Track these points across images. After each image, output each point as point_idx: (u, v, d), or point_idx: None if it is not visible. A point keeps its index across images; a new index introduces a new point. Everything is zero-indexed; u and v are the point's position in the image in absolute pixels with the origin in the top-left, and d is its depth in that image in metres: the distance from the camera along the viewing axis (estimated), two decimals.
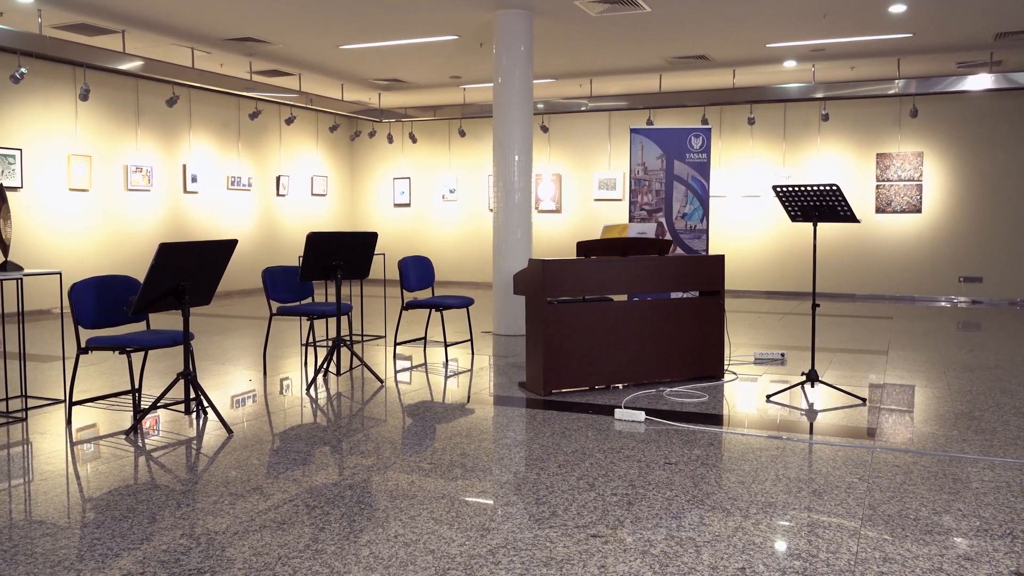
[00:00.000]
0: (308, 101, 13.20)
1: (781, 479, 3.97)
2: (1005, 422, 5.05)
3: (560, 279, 5.78)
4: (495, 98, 8.82)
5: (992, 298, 12.22)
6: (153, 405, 4.97)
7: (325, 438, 4.78)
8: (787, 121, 13.13)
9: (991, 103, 12.08)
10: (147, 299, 4.67)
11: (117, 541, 3.22)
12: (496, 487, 3.87)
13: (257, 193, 13.76)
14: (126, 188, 11.41)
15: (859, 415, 5.29)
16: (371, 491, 3.81)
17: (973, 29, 9.34)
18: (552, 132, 14.43)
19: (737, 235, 13.27)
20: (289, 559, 3.04)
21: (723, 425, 5.08)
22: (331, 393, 6.04)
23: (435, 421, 5.18)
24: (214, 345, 8.17)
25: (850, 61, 11.12)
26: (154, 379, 6.17)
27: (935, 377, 6.53)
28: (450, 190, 15.41)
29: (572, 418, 5.18)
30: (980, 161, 12.23)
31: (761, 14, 8.73)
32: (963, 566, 2.96)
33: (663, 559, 3.03)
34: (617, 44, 10.10)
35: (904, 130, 12.51)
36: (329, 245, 6.20)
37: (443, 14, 8.82)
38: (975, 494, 3.74)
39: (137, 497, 3.74)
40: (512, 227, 8.75)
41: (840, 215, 5.56)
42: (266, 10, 8.71)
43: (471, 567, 2.97)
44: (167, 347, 4.99)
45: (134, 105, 11.53)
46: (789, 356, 7.41)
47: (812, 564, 2.99)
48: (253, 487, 3.86)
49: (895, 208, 12.59)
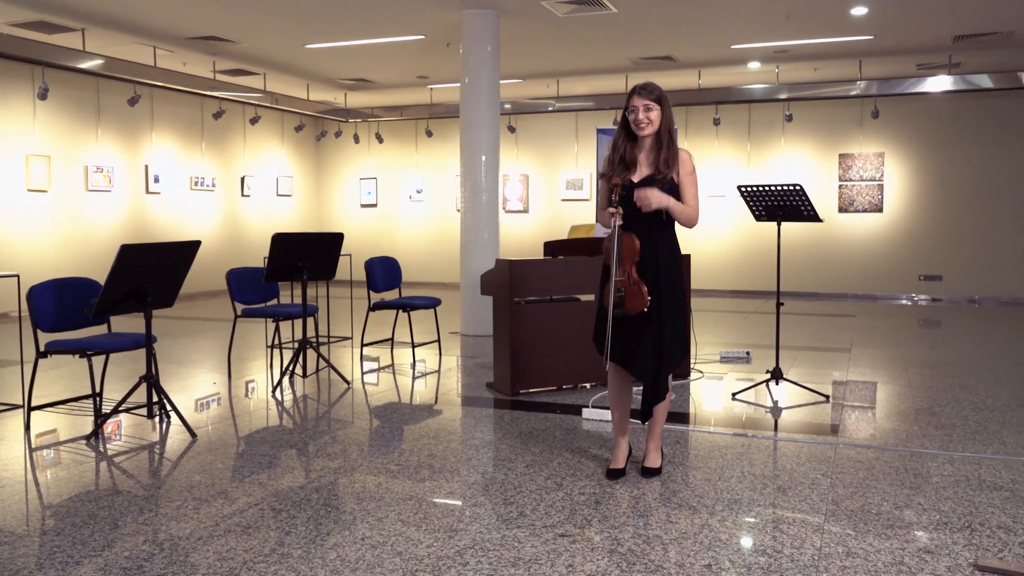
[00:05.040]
0: (273, 101, 13.08)
1: (746, 476, 4.01)
2: (964, 417, 5.15)
3: (527, 279, 5.79)
4: (462, 98, 8.81)
5: (951, 296, 12.45)
6: (115, 409, 4.89)
7: (291, 441, 4.74)
8: (752, 122, 13.26)
9: (950, 104, 12.30)
10: (108, 301, 4.60)
11: (78, 548, 3.16)
12: (464, 488, 3.87)
13: (221, 194, 13.61)
14: (86, 189, 11.22)
15: (823, 412, 5.36)
16: (338, 494, 3.78)
17: (932, 32, 9.51)
18: (519, 132, 14.45)
19: (703, 235, 13.37)
20: (255, 564, 3.01)
21: (689, 423, 5.11)
22: (297, 395, 5.99)
23: (402, 422, 5.16)
24: (177, 348, 8.06)
25: (813, 63, 11.26)
26: (116, 383, 6.07)
27: (896, 374, 6.64)
28: (417, 190, 15.36)
29: (540, 418, 5.19)
30: (939, 161, 12.46)
31: (726, 16, 8.81)
32: (923, 559, 3.01)
33: (630, 557, 3.05)
34: (584, 45, 10.13)
35: (866, 131, 12.70)
36: (295, 246, 6.15)
37: (410, 14, 8.79)
38: (935, 488, 3.80)
39: (98, 503, 3.67)
40: (479, 227, 8.74)
41: (804, 215, 5.63)
42: (230, 9, 8.62)
43: (439, 568, 2.96)
44: (129, 350, 4.92)
45: (94, 104, 11.34)
46: (754, 354, 7.49)
47: (777, 560, 3.02)
48: (218, 491, 3.82)
49: (857, 208, 12.78)
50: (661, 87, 3.86)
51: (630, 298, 3.80)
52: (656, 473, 4.01)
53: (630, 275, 3.80)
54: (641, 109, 3.79)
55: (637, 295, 3.79)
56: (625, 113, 3.87)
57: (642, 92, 3.80)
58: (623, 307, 3.81)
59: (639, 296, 3.78)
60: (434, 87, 13.22)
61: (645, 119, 3.80)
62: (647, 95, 3.80)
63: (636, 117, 3.81)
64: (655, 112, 3.80)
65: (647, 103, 3.79)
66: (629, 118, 3.84)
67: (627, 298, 3.80)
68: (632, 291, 3.79)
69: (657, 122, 3.81)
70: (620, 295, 3.80)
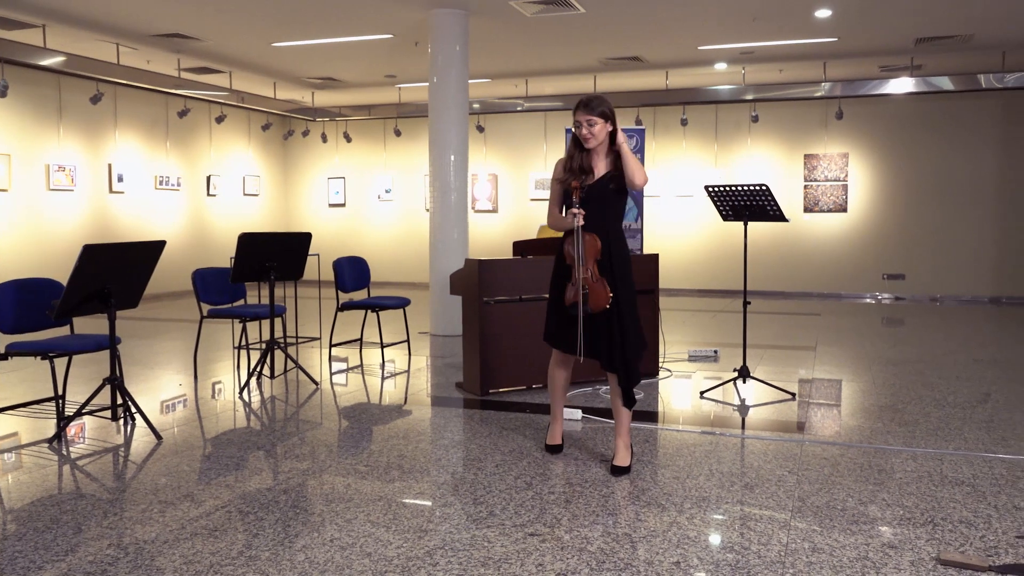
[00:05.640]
0: (239, 99, 12.94)
1: (714, 474, 4.04)
2: (926, 414, 5.23)
3: (497, 279, 5.79)
4: (431, 98, 8.79)
5: (914, 295, 12.66)
6: (78, 412, 4.81)
7: (259, 442, 4.70)
8: (719, 122, 13.38)
9: (912, 106, 12.50)
10: (70, 302, 4.52)
11: (40, 553, 3.11)
12: (434, 488, 3.86)
13: (187, 193, 13.44)
14: (48, 188, 11.03)
15: (789, 410, 5.42)
16: (306, 495, 3.76)
17: (895, 34, 9.66)
18: (488, 132, 14.44)
19: (671, 234, 13.47)
20: (222, 567, 2.97)
21: (658, 422, 5.15)
22: (265, 396, 5.94)
23: (372, 423, 5.13)
24: (142, 349, 7.95)
25: (779, 64, 11.39)
26: (79, 385, 5.97)
27: (861, 371, 6.74)
28: (386, 190, 15.29)
29: (510, 417, 5.19)
30: (902, 162, 12.66)
31: (693, 17, 8.88)
32: (887, 554, 3.06)
33: (600, 556, 3.06)
34: (552, 45, 10.15)
35: (830, 131, 12.87)
36: (262, 246, 6.09)
37: (378, 13, 8.75)
38: (898, 484, 3.86)
39: (61, 507, 3.61)
40: (448, 227, 8.72)
41: (770, 215, 5.69)
42: (195, 6, 8.51)
43: (408, 569, 2.95)
44: (92, 352, 4.84)
45: (56, 102, 11.15)
46: (722, 353, 7.56)
47: (744, 556, 3.05)
48: (184, 494, 3.77)
49: (822, 208, 12.94)
50: (607, 100, 4.02)
51: (594, 295, 3.97)
52: (626, 471, 4.06)
53: (593, 273, 3.98)
54: (584, 125, 3.95)
55: (601, 292, 3.97)
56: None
57: (584, 108, 3.95)
58: (588, 304, 3.97)
59: (603, 293, 3.97)
60: (402, 86, 13.17)
61: (588, 134, 3.96)
62: (588, 111, 3.94)
63: (580, 132, 3.99)
64: (598, 126, 3.94)
65: (589, 119, 3.94)
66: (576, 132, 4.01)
67: (591, 295, 3.97)
68: (595, 288, 3.97)
69: (601, 135, 3.97)
70: (585, 292, 3.97)
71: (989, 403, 5.52)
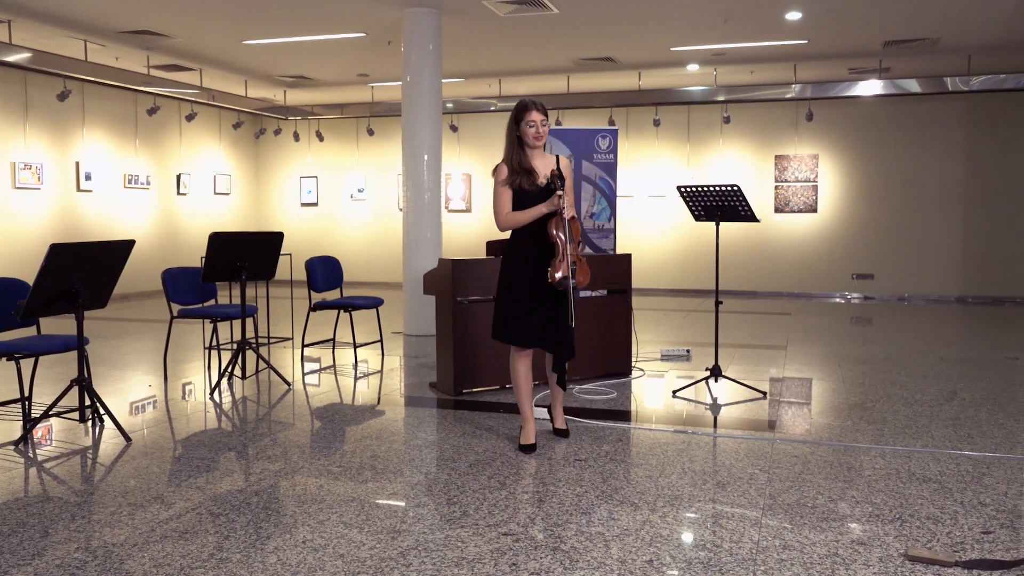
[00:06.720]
0: (210, 97, 12.81)
1: (687, 472, 4.07)
2: (895, 412, 5.31)
3: (470, 279, 5.78)
4: (404, 97, 8.76)
5: (883, 294, 12.82)
6: (44, 414, 4.74)
7: (230, 444, 4.66)
8: (691, 123, 13.46)
9: (880, 108, 12.67)
10: (37, 302, 4.45)
11: (6, 557, 3.06)
12: (407, 488, 3.85)
13: (156, 192, 13.29)
14: (14, 186, 10.85)
15: (760, 408, 5.47)
16: (278, 497, 3.73)
17: (864, 37, 9.78)
18: (461, 131, 14.42)
19: (643, 234, 13.54)
20: (192, 569, 2.94)
21: (631, 421, 5.17)
22: (236, 397, 5.89)
23: (344, 424, 5.10)
24: (111, 350, 7.85)
25: (750, 65, 11.49)
26: (46, 387, 5.89)
27: (830, 370, 6.81)
28: (359, 189, 15.22)
29: (483, 417, 5.19)
30: (871, 163, 12.82)
31: (665, 18, 8.93)
32: (857, 551, 3.10)
33: (573, 555, 3.07)
34: (526, 45, 10.16)
35: (801, 133, 13.00)
36: (233, 245, 6.04)
37: (350, 11, 8.71)
38: (867, 481, 3.91)
39: (28, 510, 3.56)
40: (422, 227, 8.70)
41: (741, 215, 5.73)
42: (164, 3, 8.42)
43: (382, 570, 2.94)
44: (60, 352, 4.78)
45: (22, 99, 10.97)
46: (694, 352, 7.61)
47: (716, 554, 3.07)
48: (154, 496, 3.73)
49: (793, 208, 13.07)
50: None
51: (581, 270, 4.29)
52: (567, 435, 4.69)
53: (576, 253, 4.27)
54: (540, 123, 4.30)
55: (585, 269, 4.33)
56: (521, 124, 4.31)
57: (541, 110, 4.32)
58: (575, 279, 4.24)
59: (587, 269, 4.34)
60: (375, 85, 13.12)
61: (545, 132, 4.35)
62: (544, 112, 4.32)
63: (537, 131, 4.30)
64: (547, 126, 4.36)
65: (544, 118, 4.32)
66: (529, 131, 4.29)
67: (579, 271, 4.27)
68: (582, 265, 4.30)
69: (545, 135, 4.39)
70: (573, 268, 4.23)
71: (956, 401, 5.61)
